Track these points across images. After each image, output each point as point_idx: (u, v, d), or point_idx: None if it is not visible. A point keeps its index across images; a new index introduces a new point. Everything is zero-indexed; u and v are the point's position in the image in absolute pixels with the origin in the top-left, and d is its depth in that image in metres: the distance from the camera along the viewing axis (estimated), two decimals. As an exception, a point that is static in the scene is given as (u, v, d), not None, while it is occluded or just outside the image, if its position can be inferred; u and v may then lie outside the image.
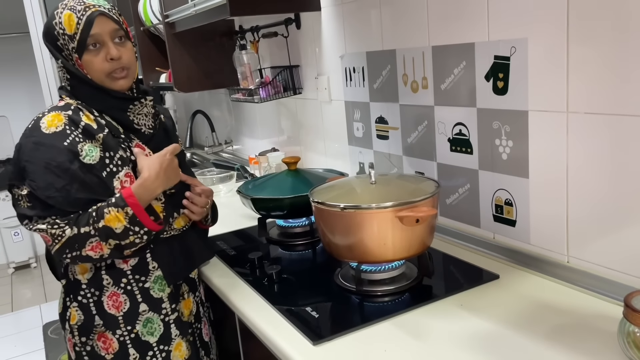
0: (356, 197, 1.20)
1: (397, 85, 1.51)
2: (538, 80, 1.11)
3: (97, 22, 1.11)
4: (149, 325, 1.22)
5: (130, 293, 1.20)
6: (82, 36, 1.11)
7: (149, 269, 1.22)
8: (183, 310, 1.29)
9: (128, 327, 1.20)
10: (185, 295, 1.30)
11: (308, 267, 1.43)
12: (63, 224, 1.10)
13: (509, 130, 1.19)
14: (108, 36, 1.13)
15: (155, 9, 2.34)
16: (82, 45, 1.12)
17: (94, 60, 1.13)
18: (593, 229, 1.07)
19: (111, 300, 1.19)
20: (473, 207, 1.34)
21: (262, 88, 2.00)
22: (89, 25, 1.11)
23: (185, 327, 1.28)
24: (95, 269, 1.19)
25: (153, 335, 1.22)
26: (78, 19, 1.11)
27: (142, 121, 1.22)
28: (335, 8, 1.71)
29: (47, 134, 1.10)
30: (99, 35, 1.12)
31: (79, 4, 1.12)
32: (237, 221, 1.77)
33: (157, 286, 1.23)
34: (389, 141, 1.60)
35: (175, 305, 1.26)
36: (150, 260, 1.22)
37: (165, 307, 1.24)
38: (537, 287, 1.14)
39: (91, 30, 1.11)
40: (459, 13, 1.26)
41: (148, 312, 1.21)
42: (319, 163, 2.02)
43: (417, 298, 1.14)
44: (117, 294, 1.19)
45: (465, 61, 1.26)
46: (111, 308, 1.19)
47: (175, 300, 1.26)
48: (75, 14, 1.11)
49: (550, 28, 1.05)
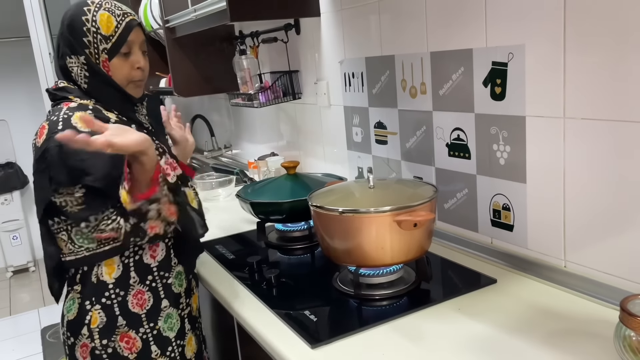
0: (355, 202, 1.21)
1: (396, 90, 1.52)
2: (535, 86, 1.12)
3: (135, 30, 1.16)
4: (169, 320, 1.23)
5: (155, 290, 1.21)
6: (119, 40, 1.14)
7: (171, 265, 1.24)
8: (193, 305, 1.32)
9: (151, 324, 1.21)
10: (194, 290, 1.33)
11: (307, 271, 1.43)
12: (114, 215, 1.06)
13: (507, 136, 1.20)
14: (138, 46, 1.18)
15: (156, 14, 2.35)
16: (116, 49, 1.15)
17: (123, 65, 1.16)
18: (590, 233, 1.07)
19: (136, 298, 1.19)
20: (471, 211, 1.35)
21: (262, 93, 2.01)
22: (127, 31, 1.15)
23: (194, 322, 1.31)
24: (123, 267, 1.18)
25: (172, 330, 1.24)
26: (117, 23, 1.14)
27: (143, 120, 1.27)
28: (334, 14, 1.72)
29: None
30: (133, 43, 1.17)
31: (117, 8, 1.16)
32: (236, 225, 1.77)
33: (177, 281, 1.25)
34: (387, 146, 1.61)
35: (189, 300, 1.29)
36: (173, 255, 1.25)
37: (182, 302, 1.26)
38: (534, 291, 1.14)
39: (129, 37, 1.15)
40: (457, 19, 1.27)
41: (169, 307, 1.23)
42: (317, 168, 2.03)
43: (415, 302, 1.14)
44: (142, 291, 1.20)
45: (464, 67, 1.28)
46: (135, 307, 1.19)
47: (189, 295, 1.29)
48: (114, 17, 1.14)
49: (548, 34, 1.07)
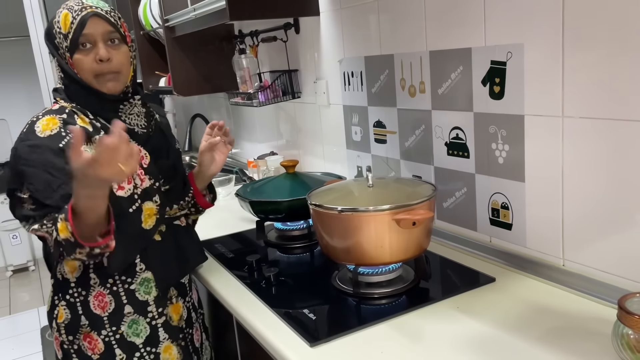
0: (354, 200, 1.21)
1: (395, 89, 1.52)
2: (534, 85, 1.12)
3: (91, 22, 1.12)
4: (134, 326, 1.21)
5: (116, 294, 1.19)
6: (75, 35, 1.12)
7: (135, 271, 1.21)
8: (172, 315, 1.27)
9: (113, 328, 1.19)
10: (173, 300, 1.28)
11: (306, 270, 1.44)
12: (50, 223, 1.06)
13: (505, 135, 1.20)
14: (100, 37, 1.13)
15: (155, 13, 2.35)
16: (74, 45, 1.12)
17: (83, 60, 1.13)
18: (588, 232, 1.07)
19: (97, 300, 1.18)
20: (470, 210, 1.35)
21: (261, 92, 2.01)
22: (82, 25, 1.11)
23: (175, 332, 1.27)
24: (84, 267, 1.18)
25: (139, 336, 1.21)
26: (73, 18, 1.12)
27: (134, 121, 1.20)
28: (333, 13, 1.73)
29: (42, 137, 1.10)
30: (90, 35, 1.12)
31: (77, 4, 1.14)
32: (236, 224, 1.78)
33: (142, 289, 1.21)
34: (386, 145, 1.61)
35: (163, 309, 1.24)
36: (139, 261, 1.21)
37: (151, 310, 1.22)
38: (532, 290, 1.15)
39: (83, 30, 1.11)
40: (456, 19, 1.27)
41: (133, 314, 1.20)
42: (317, 167, 2.03)
43: (414, 300, 1.15)
44: (103, 294, 1.18)
45: (462, 66, 1.28)
46: (97, 308, 1.18)
47: (162, 304, 1.25)
48: (71, 14, 1.12)
49: (546, 33, 1.07)
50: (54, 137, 1.10)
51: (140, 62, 2.63)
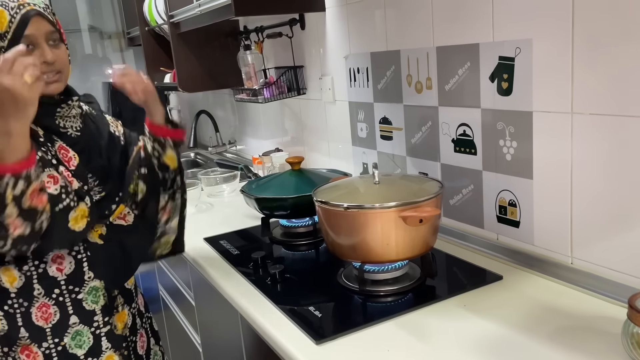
0: (360, 197, 1.20)
1: (402, 85, 1.51)
2: (543, 81, 1.10)
3: (33, 22, 1.03)
4: (77, 337, 1.15)
5: (62, 304, 1.12)
6: (15, 35, 1.02)
7: (84, 279, 1.14)
8: (116, 324, 1.21)
9: (55, 340, 1.13)
10: (119, 308, 1.22)
11: (311, 267, 1.43)
12: None
13: (513, 131, 1.19)
14: (43, 38, 1.05)
15: (161, 9, 2.34)
16: (14, 46, 0.99)
17: None
18: (597, 230, 1.06)
19: (40, 311, 1.11)
20: (477, 208, 1.34)
21: (266, 88, 2.01)
22: (23, 24, 1.02)
23: (118, 341, 1.21)
24: (25, 278, 1.10)
25: (81, 347, 1.15)
26: (11, 17, 1.02)
27: (68, 124, 1.13)
28: (339, 9, 1.71)
29: None
30: (34, 36, 1.04)
31: (12, 0, 1.03)
32: (241, 221, 1.77)
33: (90, 297, 1.15)
34: (392, 142, 1.60)
35: (109, 318, 1.19)
36: (87, 269, 1.14)
37: (97, 319, 1.17)
38: (540, 288, 1.13)
39: (26, 31, 1.02)
40: (464, 14, 1.26)
41: (78, 324, 1.14)
42: (322, 163, 2.02)
43: (421, 298, 1.14)
44: (48, 305, 1.12)
45: (470, 62, 1.26)
46: (39, 320, 1.11)
47: (109, 313, 1.19)
48: (7, 11, 1.02)
49: (555, 29, 1.05)
50: None
51: (145, 58, 2.63)
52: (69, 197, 1.06)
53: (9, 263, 1.08)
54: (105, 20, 3.51)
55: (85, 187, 1.12)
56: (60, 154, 1.10)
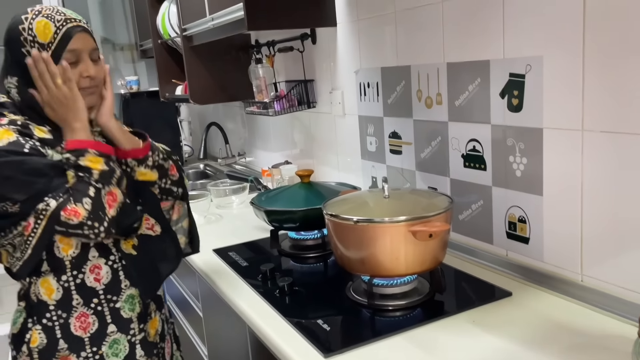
0: (369, 211, 1.21)
1: (412, 100, 1.52)
2: (553, 98, 1.11)
3: (78, 37, 1.08)
4: (115, 346, 1.17)
5: (100, 313, 1.15)
6: (58, 48, 1.07)
7: (121, 288, 1.16)
8: (149, 330, 1.23)
9: (94, 349, 1.14)
10: (152, 314, 1.24)
11: (319, 280, 1.43)
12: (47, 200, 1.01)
13: (524, 148, 1.20)
14: (87, 53, 1.10)
15: (174, 22, 2.37)
16: (57, 58, 1.07)
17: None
18: (607, 247, 1.06)
19: (79, 321, 1.13)
20: (486, 223, 1.34)
21: (277, 101, 2.02)
22: (67, 38, 1.07)
23: (150, 348, 1.23)
24: (64, 289, 1.12)
25: (118, 356, 1.17)
26: (56, 29, 1.06)
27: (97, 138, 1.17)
28: (351, 24, 1.73)
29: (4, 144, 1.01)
30: (79, 51, 1.09)
31: (58, 14, 1.08)
32: (250, 233, 1.78)
33: (127, 306, 1.17)
34: (402, 156, 1.60)
35: (143, 325, 1.21)
36: (123, 278, 1.17)
37: (133, 327, 1.19)
38: (550, 305, 1.13)
39: (70, 45, 1.07)
40: (475, 30, 1.27)
41: (116, 332, 1.16)
42: (331, 176, 2.03)
43: (429, 313, 1.14)
44: (87, 314, 1.14)
45: (480, 78, 1.27)
46: (78, 330, 1.13)
47: (144, 320, 1.21)
48: (53, 23, 1.06)
49: (566, 46, 1.06)
50: (15, 143, 1.03)
51: (158, 70, 2.66)
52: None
53: (45, 274, 1.11)
54: (118, 33, 3.56)
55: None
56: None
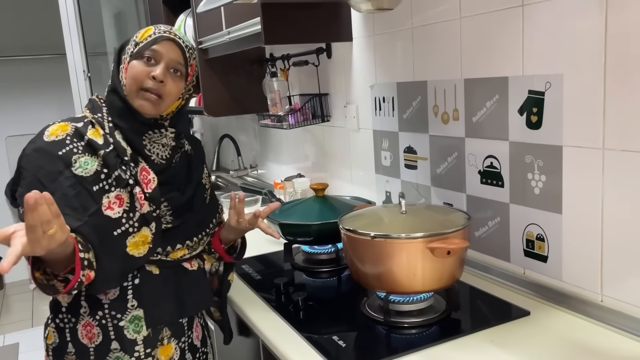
0: (386, 227, 1.20)
1: (428, 116, 1.51)
2: (573, 115, 1.10)
3: (164, 43, 1.13)
4: None
5: (104, 327, 1.13)
6: (144, 45, 1.12)
7: (126, 307, 1.13)
8: (159, 357, 1.18)
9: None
10: (164, 341, 1.18)
11: (333, 295, 1.42)
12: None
13: (542, 165, 1.19)
14: (166, 60, 1.13)
15: (189, 35, 2.39)
16: (139, 53, 1.12)
17: (138, 68, 1.11)
18: (628, 267, 1.04)
19: (85, 329, 1.13)
20: (503, 240, 1.33)
21: (291, 115, 2.03)
22: (155, 41, 1.13)
23: None
24: (74, 295, 1.13)
25: None
26: (153, 34, 1.14)
27: (155, 150, 1.16)
28: (367, 39, 1.74)
29: (47, 141, 1.09)
30: (158, 53, 1.12)
31: (167, 27, 1.16)
32: (263, 246, 1.77)
33: (132, 327, 1.14)
34: (417, 171, 1.60)
35: (151, 350, 1.16)
36: (131, 297, 1.13)
37: (138, 349, 1.14)
38: (569, 325, 1.11)
39: (154, 46, 1.12)
40: (493, 47, 1.27)
41: (119, 351, 1.13)
42: (344, 190, 2.02)
43: (446, 332, 1.12)
44: (92, 324, 1.13)
45: (498, 95, 1.27)
46: (84, 338, 1.13)
47: (152, 345, 1.16)
48: (154, 29, 1.15)
49: (587, 64, 1.06)
50: (57, 143, 1.09)
51: (172, 82, 2.67)
52: (129, 222, 1.10)
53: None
54: (133, 45, 3.60)
55: (156, 211, 1.13)
56: (140, 176, 1.13)
